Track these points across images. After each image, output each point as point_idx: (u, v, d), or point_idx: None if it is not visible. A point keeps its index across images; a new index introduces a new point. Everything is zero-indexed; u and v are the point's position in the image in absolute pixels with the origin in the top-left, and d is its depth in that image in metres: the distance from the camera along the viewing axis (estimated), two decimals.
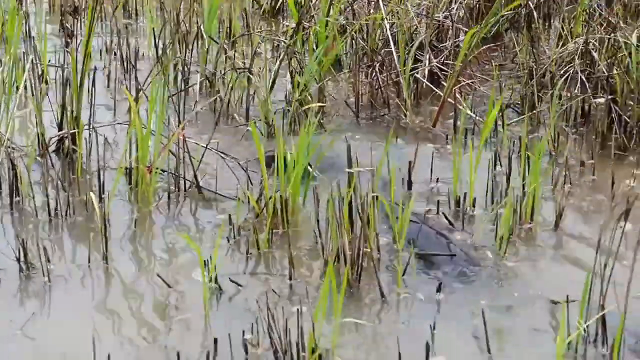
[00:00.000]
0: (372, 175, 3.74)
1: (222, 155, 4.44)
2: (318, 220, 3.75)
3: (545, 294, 3.43)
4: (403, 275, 3.52)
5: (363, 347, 3.15)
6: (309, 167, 3.99)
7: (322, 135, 4.32)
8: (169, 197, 4.16)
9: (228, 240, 3.80)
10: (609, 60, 4.88)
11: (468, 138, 4.75)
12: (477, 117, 4.96)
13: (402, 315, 3.34)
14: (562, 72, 5.05)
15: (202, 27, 5.74)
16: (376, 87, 5.33)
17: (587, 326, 3.11)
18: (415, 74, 5.29)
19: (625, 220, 3.68)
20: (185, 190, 4.24)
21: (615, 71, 4.77)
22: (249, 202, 4.00)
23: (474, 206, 4.05)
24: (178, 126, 4.45)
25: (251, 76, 5.13)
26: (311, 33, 5.33)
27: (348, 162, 3.72)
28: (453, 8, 5.60)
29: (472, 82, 5.37)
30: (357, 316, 3.31)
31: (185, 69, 5.41)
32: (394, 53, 5.24)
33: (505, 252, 3.70)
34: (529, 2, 6.19)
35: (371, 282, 3.49)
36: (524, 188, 4.04)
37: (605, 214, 4.05)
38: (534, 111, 4.96)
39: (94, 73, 4.58)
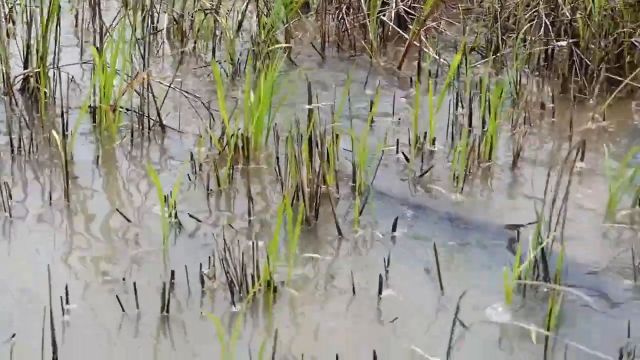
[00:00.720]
0: (333, 112, 3.77)
1: (186, 94, 4.47)
2: (277, 157, 3.79)
3: (500, 229, 3.49)
4: (360, 213, 3.57)
5: (318, 281, 3.20)
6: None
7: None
8: (132, 135, 4.19)
9: (189, 177, 3.84)
10: (572, 4, 4.91)
11: (432, 79, 4.79)
12: (442, 60, 5.00)
13: (358, 251, 3.39)
14: (526, 16, 5.08)
15: None
16: (343, 29, 5.36)
17: (536, 259, 3.17)
18: (382, 17, 5.32)
19: (578, 158, 3.76)
20: (149, 129, 4.27)
21: (578, 15, 4.81)
22: (211, 140, 4.04)
23: (433, 144, 4.10)
24: (144, 66, 4.47)
25: (218, 17, 5.14)
26: None
27: (309, 98, 3.76)
28: None
29: (438, 25, 5.40)
30: (313, 251, 3.36)
31: (154, 10, 5.41)
32: None
33: (462, 189, 3.76)
34: None
35: (329, 219, 3.53)
36: (483, 128, 4.09)
37: (562, 154, 4.11)
38: (498, 54, 5.00)
39: (59, 12, 4.57)
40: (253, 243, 3.14)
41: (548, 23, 4.94)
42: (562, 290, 3.00)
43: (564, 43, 4.79)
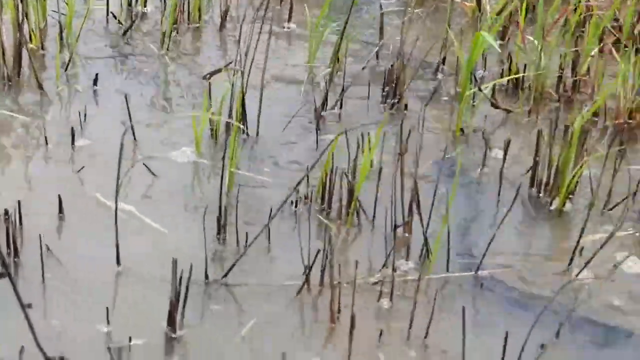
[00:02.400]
0: None
1: None
2: None
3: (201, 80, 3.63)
4: (66, 70, 3.60)
5: (14, 135, 3.22)
6: None
7: None
8: None
9: None
10: None
11: None
12: None
13: (57, 105, 3.42)
14: None
15: None
16: None
17: (230, 105, 3.28)
18: None
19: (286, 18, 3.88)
20: None
21: None
22: None
23: (145, 6, 4.14)
24: None
25: None
26: None
27: None
28: None
29: None
30: (11, 108, 3.37)
31: None
32: None
33: (169, 47, 3.83)
34: None
35: (32, 76, 3.54)
36: None
37: (268, 14, 4.19)
38: None
39: None
40: None
41: None
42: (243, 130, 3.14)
43: None
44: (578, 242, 2.76)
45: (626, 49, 3.72)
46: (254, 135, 3.29)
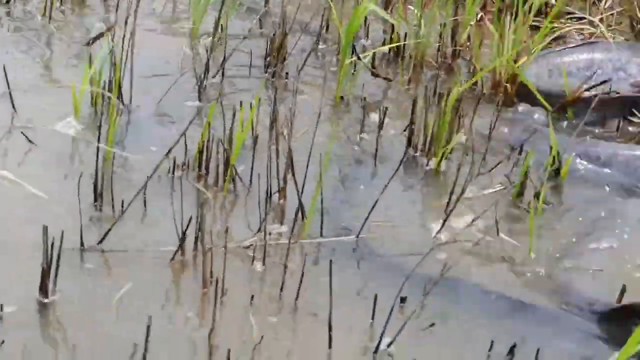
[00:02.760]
0: None
1: None
2: None
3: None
4: None
5: None
6: None
7: None
8: None
9: None
10: None
11: None
12: None
13: None
14: None
15: None
16: None
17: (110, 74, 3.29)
18: None
19: None
20: None
21: None
22: None
23: None
24: None
25: None
26: None
27: None
28: None
29: None
30: None
31: None
32: None
33: (52, 15, 3.82)
34: None
35: None
36: None
37: None
38: None
39: None
40: None
41: None
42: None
43: None
44: (448, 204, 2.85)
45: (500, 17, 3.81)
46: (133, 104, 3.30)
